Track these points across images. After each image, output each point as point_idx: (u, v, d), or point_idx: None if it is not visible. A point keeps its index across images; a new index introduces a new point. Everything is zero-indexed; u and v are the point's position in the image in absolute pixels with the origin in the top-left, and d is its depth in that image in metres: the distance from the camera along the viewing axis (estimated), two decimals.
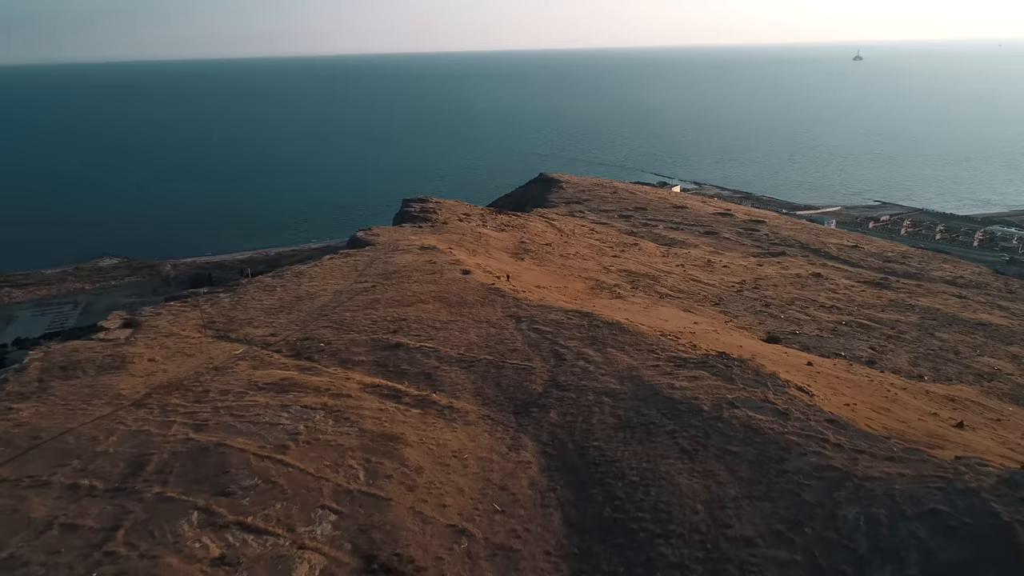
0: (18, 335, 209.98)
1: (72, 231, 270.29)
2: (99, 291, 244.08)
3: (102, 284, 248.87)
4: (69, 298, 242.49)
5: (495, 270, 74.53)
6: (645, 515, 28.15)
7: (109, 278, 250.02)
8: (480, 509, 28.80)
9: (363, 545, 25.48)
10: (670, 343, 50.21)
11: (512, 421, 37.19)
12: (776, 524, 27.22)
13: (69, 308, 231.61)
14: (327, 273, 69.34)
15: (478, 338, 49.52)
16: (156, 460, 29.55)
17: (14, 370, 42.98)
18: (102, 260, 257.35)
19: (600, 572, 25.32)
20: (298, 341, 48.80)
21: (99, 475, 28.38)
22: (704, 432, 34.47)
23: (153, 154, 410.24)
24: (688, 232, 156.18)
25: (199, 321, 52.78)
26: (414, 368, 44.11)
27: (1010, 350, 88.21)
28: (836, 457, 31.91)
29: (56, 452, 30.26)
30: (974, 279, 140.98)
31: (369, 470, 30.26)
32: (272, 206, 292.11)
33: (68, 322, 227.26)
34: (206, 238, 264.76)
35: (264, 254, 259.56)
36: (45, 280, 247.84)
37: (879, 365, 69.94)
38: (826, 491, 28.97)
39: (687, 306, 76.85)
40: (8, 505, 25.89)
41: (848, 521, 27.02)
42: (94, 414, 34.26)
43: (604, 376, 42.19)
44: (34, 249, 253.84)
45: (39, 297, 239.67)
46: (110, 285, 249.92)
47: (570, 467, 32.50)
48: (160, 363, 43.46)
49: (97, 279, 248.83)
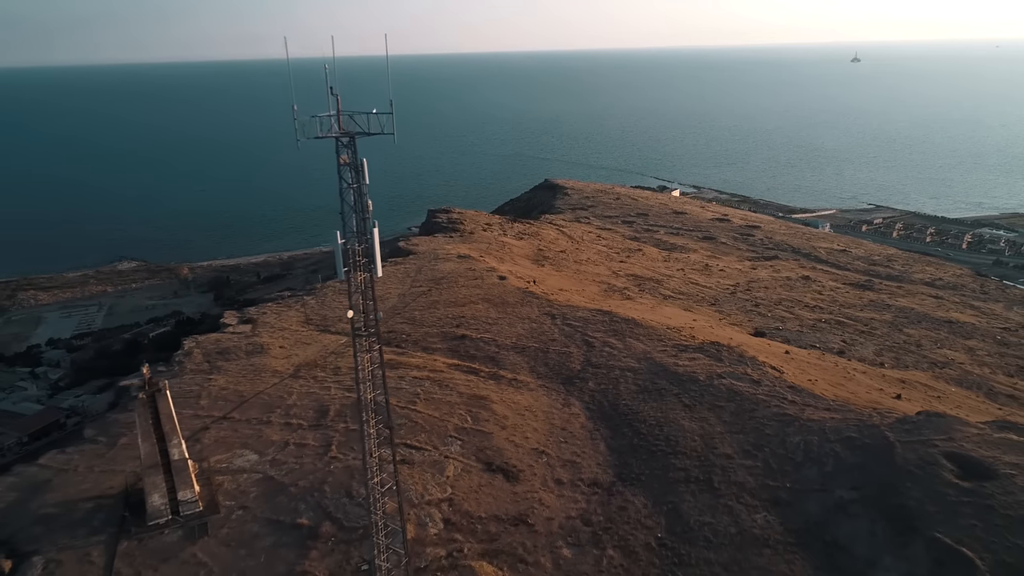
0: (49, 335, 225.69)
1: (89, 235, 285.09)
2: (121, 293, 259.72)
3: (123, 287, 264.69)
4: (93, 300, 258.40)
5: (524, 276, 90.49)
6: (660, 442, 44.11)
7: (129, 281, 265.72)
8: (550, 441, 44.69)
9: (482, 457, 41.36)
10: (674, 335, 66.21)
11: (561, 389, 53.11)
12: (746, 446, 43.20)
13: (94, 310, 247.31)
14: (386, 279, 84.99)
15: (524, 331, 65.39)
16: (333, 409, 45.42)
17: (182, 354, 58.44)
18: (121, 263, 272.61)
19: (632, 474, 41.21)
20: (386, 333, 64.52)
21: (300, 417, 44.23)
22: (700, 394, 50.46)
23: (161, 159, 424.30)
24: (687, 237, 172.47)
25: (300, 317, 68.48)
26: (480, 353, 59.92)
27: (968, 344, 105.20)
28: (790, 409, 47.92)
29: (261, 405, 46.02)
30: (953, 281, 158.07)
31: (473, 416, 46.14)
32: (281, 210, 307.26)
33: (95, 323, 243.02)
34: (219, 242, 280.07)
35: (278, 257, 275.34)
36: (68, 283, 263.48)
37: (847, 355, 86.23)
38: (780, 427, 44.96)
39: (687, 306, 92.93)
40: (254, 433, 41.72)
41: (792, 443, 43.00)
42: (269, 382, 50.00)
43: (625, 358, 58.15)
44: (54, 253, 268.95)
45: (64, 299, 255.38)
46: (131, 288, 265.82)
47: (607, 416, 48.42)
48: (289, 350, 59.19)
49: (118, 282, 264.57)
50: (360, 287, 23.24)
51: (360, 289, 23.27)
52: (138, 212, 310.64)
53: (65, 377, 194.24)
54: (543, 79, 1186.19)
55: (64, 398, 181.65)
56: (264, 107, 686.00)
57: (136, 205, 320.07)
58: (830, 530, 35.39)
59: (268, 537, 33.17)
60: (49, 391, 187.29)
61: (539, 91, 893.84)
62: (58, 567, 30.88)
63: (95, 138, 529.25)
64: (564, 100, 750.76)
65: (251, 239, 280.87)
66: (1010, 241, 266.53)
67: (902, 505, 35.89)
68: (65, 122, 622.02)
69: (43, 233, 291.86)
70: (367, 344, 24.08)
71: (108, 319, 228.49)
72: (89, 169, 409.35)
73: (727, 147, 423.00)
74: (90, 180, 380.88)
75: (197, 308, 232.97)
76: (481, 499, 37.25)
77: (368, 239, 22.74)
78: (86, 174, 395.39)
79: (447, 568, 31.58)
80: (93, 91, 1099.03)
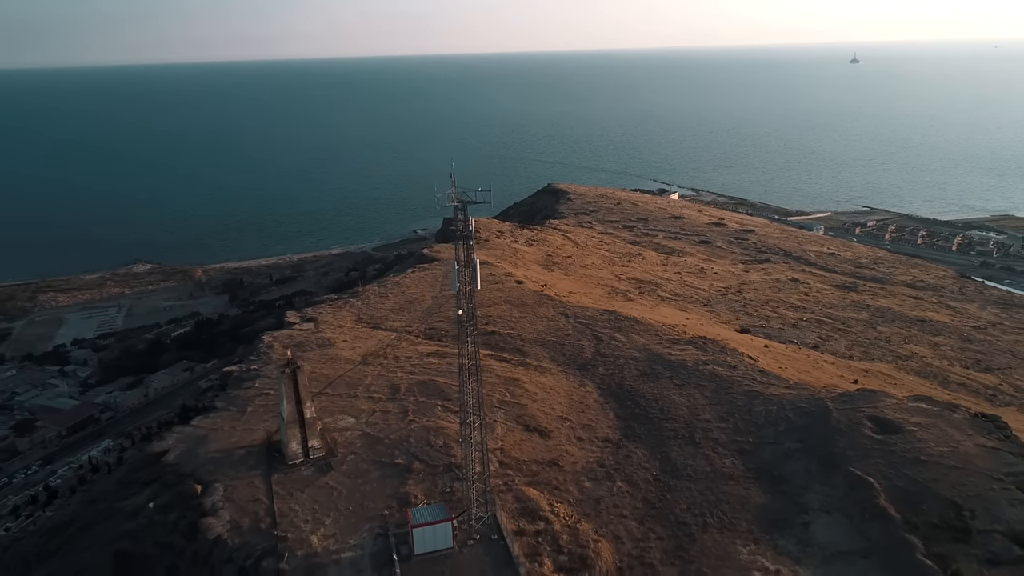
0: (73, 335, 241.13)
1: (101, 238, 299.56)
2: (138, 295, 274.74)
3: (139, 288, 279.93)
4: (111, 302, 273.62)
5: (538, 280, 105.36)
6: (656, 411, 59.01)
7: (145, 283, 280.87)
8: (571, 411, 59.52)
9: (521, 421, 56.17)
10: (669, 331, 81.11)
11: (577, 373, 67.97)
12: (721, 414, 58.08)
13: (114, 311, 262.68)
14: (417, 283, 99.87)
15: (543, 328, 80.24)
16: (403, 386, 60.27)
17: (264, 346, 72.98)
18: (135, 266, 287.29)
19: (634, 433, 56.04)
20: (427, 329, 79.44)
21: (379, 393, 59.03)
22: (687, 376, 65.37)
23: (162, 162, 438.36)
24: (685, 241, 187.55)
25: (353, 317, 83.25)
26: (508, 345, 74.72)
27: (934, 340, 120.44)
28: (758, 387, 62.81)
29: (345, 384, 60.78)
30: (934, 282, 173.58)
31: (510, 392, 60.93)
32: (289, 214, 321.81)
33: (116, 324, 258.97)
34: (230, 244, 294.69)
35: (288, 259, 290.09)
36: (86, 285, 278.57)
37: (821, 349, 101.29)
38: (748, 400, 59.85)
39: (682, 306, 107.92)
40: (346, 404, 56.51)
41: (756, 412, 57.89)
42: (344, 368, 64.73)
43: (628, 349, 73.03)
44: (68, 255, 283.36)
45: (83, 301, 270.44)
46: (147, 289, 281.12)
47: (614, 393, 63.27)
48: (351, 343, 73.96)
49: (134, 284, 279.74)
50: (465, 298, 37.92)
51: (465, 299, 37.96)
52: (147, 215, 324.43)
53: (94, 375, 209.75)
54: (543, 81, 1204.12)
55: (96, 394, 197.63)
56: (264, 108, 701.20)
57: (144, 208, 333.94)
58: (778, 468, 50.24)
59: (376, 472, 47.87)
60: (80, 388, 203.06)
61: (539, 93, 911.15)
62: (234, 490, 45.51)
63: (95, 141, 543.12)
64: (564, 103, 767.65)
65: (261, 242, 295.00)
66: (999, 243, 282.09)
67: (831, 451, 50.77)
68: (64, 125, 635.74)
69: (56, 236, 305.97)
70: (468, 336, 38.68)
71: (128, 320, 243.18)
72: (93, 172, 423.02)
73: (726, 150, 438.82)
74: (95, 184, 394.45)
75: (214, 309, 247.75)
76: (523, 449, 52.05)
77: (472, 267, 37.38)
78: (90, 177, 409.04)
79: (505, 490, 46.30)
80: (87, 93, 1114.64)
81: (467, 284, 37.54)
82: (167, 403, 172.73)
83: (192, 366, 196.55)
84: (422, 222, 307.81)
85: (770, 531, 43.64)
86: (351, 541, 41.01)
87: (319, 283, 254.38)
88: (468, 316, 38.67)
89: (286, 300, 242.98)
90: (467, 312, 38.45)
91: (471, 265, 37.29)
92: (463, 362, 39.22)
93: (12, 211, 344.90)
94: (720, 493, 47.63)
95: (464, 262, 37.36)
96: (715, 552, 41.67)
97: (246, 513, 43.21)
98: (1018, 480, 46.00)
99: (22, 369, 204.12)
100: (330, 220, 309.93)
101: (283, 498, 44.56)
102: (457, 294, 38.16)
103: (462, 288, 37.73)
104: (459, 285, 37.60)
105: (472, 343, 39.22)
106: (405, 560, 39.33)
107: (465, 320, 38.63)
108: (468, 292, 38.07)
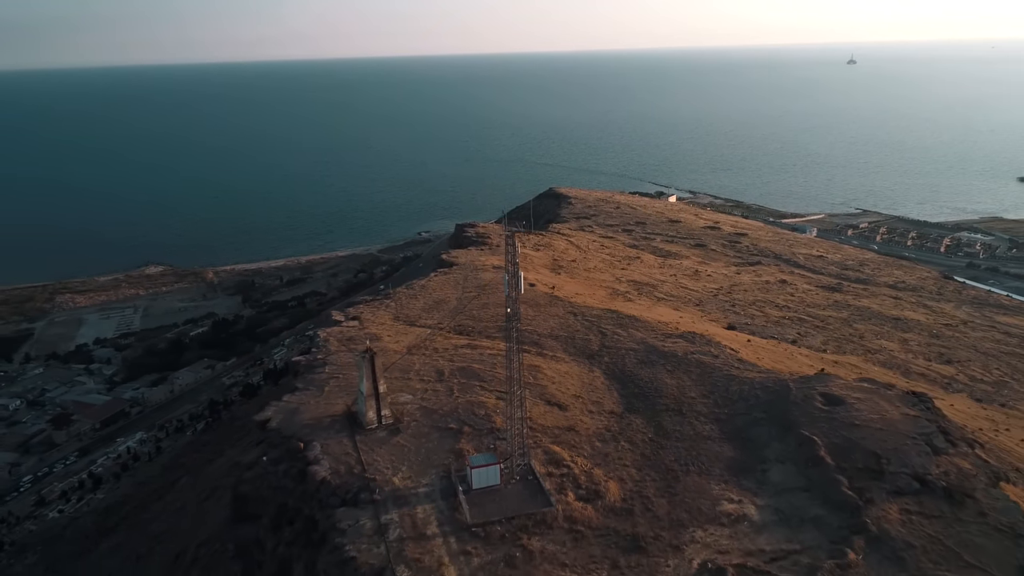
0: (95, 335, 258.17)
1: (112, 241, 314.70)
2: (153, 296, 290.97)
3: (154, 290, 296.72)
4: (128, 303, 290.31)
5: (547, 283, 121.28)
6: (651, 391, 75.06)
7: (159, 285, 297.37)
8: (583, 391, 75.46)
9: (543, 398, 72.13)
10: (663, 327, 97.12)
11: (586, 361, 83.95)
12: (704, 392, 74.14)
13: (131, 312, 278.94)
14: (441, 286, 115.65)
15: (555, 324, 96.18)
16: (447, 371, 76.20)
17: (322, 340, 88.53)
18: (148, 268, 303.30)
19: (634, 408, 72.03)
20: (456, 326, 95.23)
21: (427, 376, 74.95)
22: (678, 364, 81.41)
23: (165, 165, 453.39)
24: (681, 244, 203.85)
25: (391, 316, 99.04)
26: (526, 339, 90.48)
27: (905, 336, 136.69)
28: (735, 372, 78.81)
29: (398, 369, 76.59)
30: (915, 283, 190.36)
31: (532, 376, 76.82)
32: (295, 216, 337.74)
33: (134, 324, 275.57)
34: (239, 247, 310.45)
35: (297, 261, 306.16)
36: (101, 287, 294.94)
37: (799, 343, 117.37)
38: (726, 382, 75.88)
39: (676, 306, 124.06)
40: (402, 384, 72.43)
41: (732, 391, 73.92)
42: (394, 357, 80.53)
43: (629, 342, 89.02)
44: (81, 258, 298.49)
45: (100, 302, 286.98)
46: (161, 291, 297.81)
47: (617, 378, 79.26)
48: (394, 337, 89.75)
49: (148, 285, 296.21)
50: (512, 301, 53.57)
51: (511, 301, 53.60)
52: (155, 218, 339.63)
53: (119, 373, 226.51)
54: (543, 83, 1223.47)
55: (123, 391, 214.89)
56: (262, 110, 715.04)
57: (152, 211, 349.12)
58: (746, 432, 66.24)
59: (434, 434, 63.68)
60: (106, 385, 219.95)
61: (539, 96, 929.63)
62: (328, 446, 61.22)
63: (93, 143, 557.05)
64: (564, 105, 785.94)
65: (269, 244, 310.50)
66: (986, 244, 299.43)
67: (788, 419, 66.80)
68: (61, 126, 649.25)
69: (65, 238, 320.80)
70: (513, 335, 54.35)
71: (145, 320, 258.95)
72: (93, 175, 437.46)
73: (723, 152, 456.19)
74: (95, 185, 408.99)
75: (228, 310, 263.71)
76: (547, 418, 67.94)
77: (517, 279, 53.07)
78: (90, 179, 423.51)
79: (535, 447, 62.12)
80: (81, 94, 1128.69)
81: (514, 289, 53.24)
82: (192, 398, 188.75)
83: (213, 364, 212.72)
84: (426, 225, 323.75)
85: (737, 475, 59.59)
86: (423, 481, 56.89)
87: (329, 284, 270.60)
88: (514, 313, 54.43)
89: (298, 301, 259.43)
90: (513, 310, 54.22)
91: (516, 276, 53.04)
92: (511, 345, 54.89)
93: (20, 213, 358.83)
94: (700, 450, 63.53)
95: (512, 274, 53.08)
96: (695, 489, 57.59)
97: (341, 463, 59.00)
98: (927, 438, 62.06)
99: (48, 367, 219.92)
100: (336, 222, 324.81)
101: (367, 452, 60.35)
102: (507, 297, 53.94)
103: (511, 292, 53.48)
104: (509, 291, 53.36)
105: (516, 333, 54.96)
106: (466, 492, 55.19)
107: (511, 316, 54.39)
108: (514, 296, 53.83)
